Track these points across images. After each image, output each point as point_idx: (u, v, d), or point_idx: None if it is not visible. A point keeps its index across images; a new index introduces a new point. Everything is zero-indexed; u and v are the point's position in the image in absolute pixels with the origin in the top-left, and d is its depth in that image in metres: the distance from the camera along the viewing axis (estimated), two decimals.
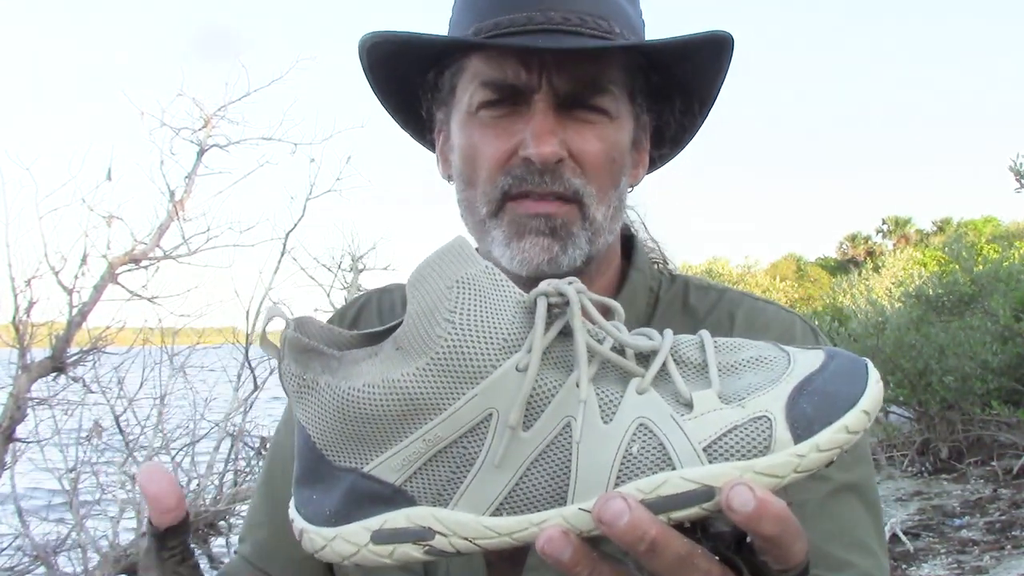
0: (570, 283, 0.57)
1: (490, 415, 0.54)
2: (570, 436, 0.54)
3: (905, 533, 5.30)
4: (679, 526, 0.52)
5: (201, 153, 4.21)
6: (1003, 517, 5.61)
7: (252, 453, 4.40)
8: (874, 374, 0.55)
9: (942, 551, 5.09)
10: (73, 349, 3.88)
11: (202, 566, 0.94)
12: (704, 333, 0.58)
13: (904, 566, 4.88)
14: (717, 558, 0.53)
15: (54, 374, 3.82)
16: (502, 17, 0.88)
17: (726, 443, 0.52)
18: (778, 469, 0.52)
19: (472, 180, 0.91)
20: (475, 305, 0.55)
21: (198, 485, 4.03)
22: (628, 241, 1.03)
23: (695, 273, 1.14)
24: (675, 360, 0.57)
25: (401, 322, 0.57)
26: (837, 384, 0.54)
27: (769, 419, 0.53)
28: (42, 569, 3.81)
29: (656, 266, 1.04)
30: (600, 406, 0.55)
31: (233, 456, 4.28)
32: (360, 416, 0.55)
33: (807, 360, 0.56)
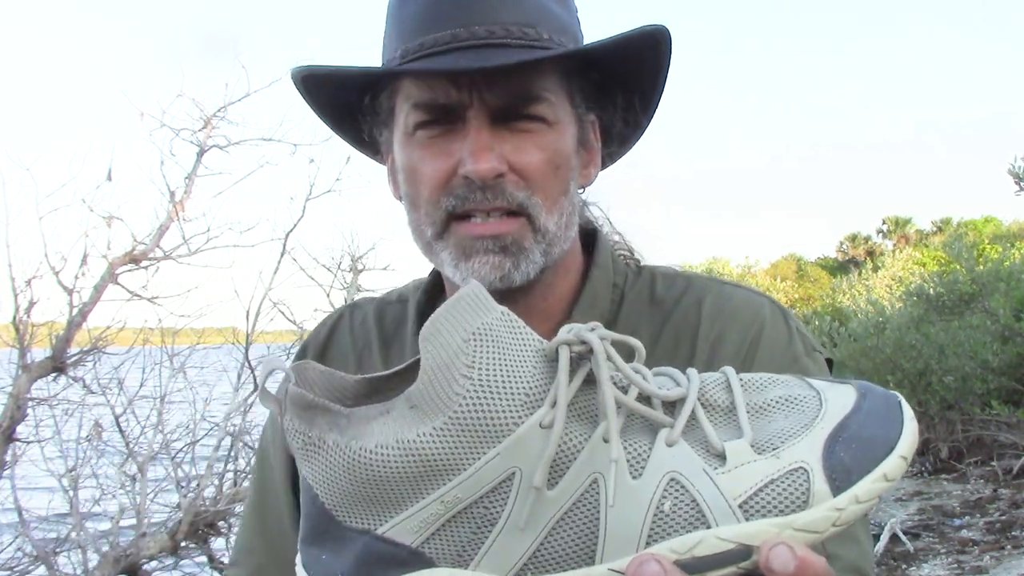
0: (592, 329, 0.54)
1: (513, 474, 0.52)
2: (597, 493, 0.52)
3: (905, 533, 5.30)
4: None
5: (201, 154, 4.20)
6: (1003, 517, 5.61)
7: (252, 453, 4.40)
8: (908, 412, 0.54)
9: (942, 551, 5.08)
10: (73, 349, 3.88)
11: (202, 566, 0.94)
12: (729, 371, 0.56)
13: (904, 566, 4.88)
14: None
15: (54, 374, 3.81)
16: (426, 37, 0.87)
17: (763, 498, 0.51)
18: (817, 525, 0.50)
19: (416, 202, 0.90)
20: (494, 358, 0.52)
21: (198, 485, 4.03)
22: (591, 237, 1.02)
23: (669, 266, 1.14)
24: (703, 405, 0.54)
25: (406, 368, 0.55)
26: (873, 428, 0.52)
27: (806, 471, 0.51)
28: (42, 569, 3.81)
29: (623, 258, 1.02)
30: (628, 460, 0.52)
31: (233, 456, 4.28)
32: (373, 478, 0.53)
33: (839, 400, 0.54)
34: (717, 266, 20.02)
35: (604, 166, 1.03)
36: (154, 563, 3.80)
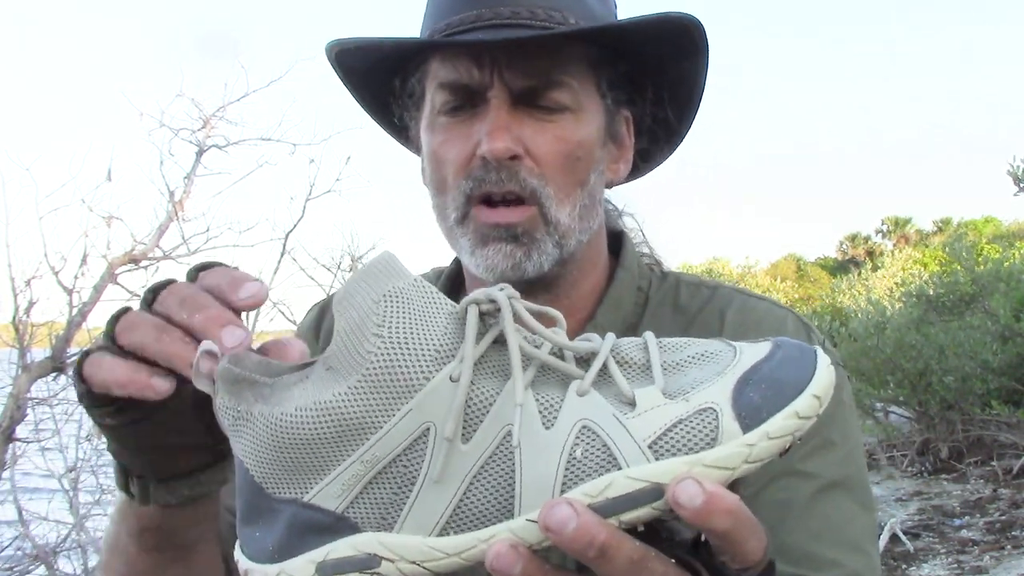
0: (501, 289, 0.56)
1: (428, 429, 0.53)
2: (511, 446, 0.52)
3: (905, 533, 5.30)
4: (633, 531, 0.51)
5: (200, 154, 4.21)
6: (1003, 517, 5.61)
7: None
8: (824, 359, 0.54)
9: (942, 551, 5.09)
10: (73, 349, 3.88)
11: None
12: (648, 334, 0.57)
13: (904, 566, 4.88)
14: (673, 560, 0.51)
15: (54, 374, 3.81)
16: (453, 17, 0.88)
17: (672, 438, 0.51)
18: (728, 461, 0.50)
19: (441, 186, 0.90)
20: (404, 318, 0.53)
21: None
22: (617, 238, 1.01)
23: (695, 274, 1.13)
24: (617, 361, 0.55)
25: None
26: (785, 371, 0.52)
27: (715, 411, 0.51)
28: (42, 569, 3.81)
29: (648, 264, 1.02)
30: (540, 411, 0.53)
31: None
32: (295, 442, 0.54)
33: (754, 351, 0.54)
34: (717, 266, 20.03)
35: (640, 172, 1.02)
36: None
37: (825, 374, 0.53)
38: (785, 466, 0.83)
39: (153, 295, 0.61)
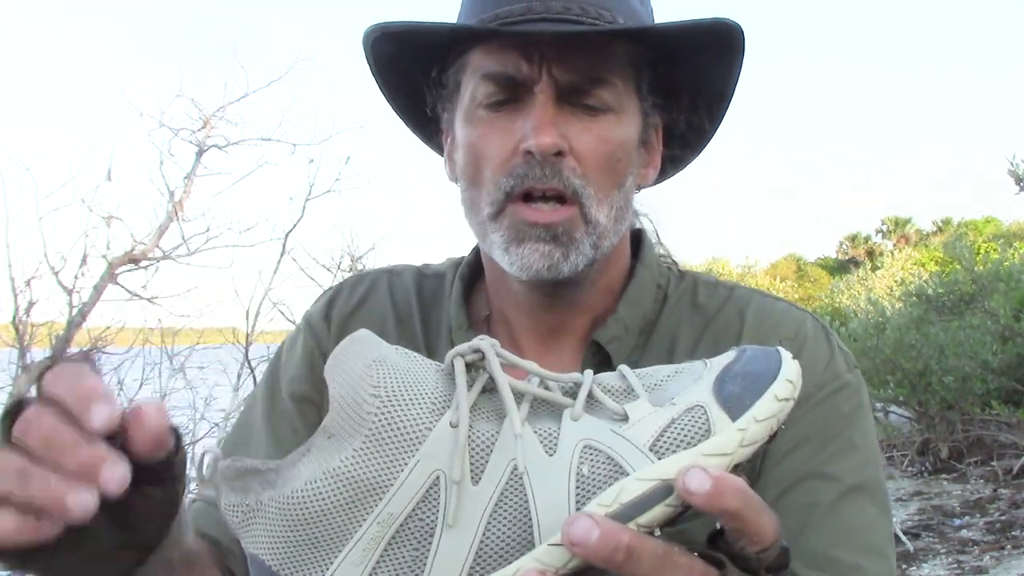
0: (481, 339, 0.58)
1: (438, 477, 0.53)
2: (520, 479, 0.53)
3: (905, 533, 5.30)
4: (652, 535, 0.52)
5: (200, 154, 4.21)
6: (1003, 517, 5.61)
7: None
8: (787, 354, 0.58)
9: (942, 551, 5.09)
10: (73, 349, 3.88)
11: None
12: (623, 367, 0.60)
13: (904, 566, 4.88)
14: (696, 555, 0.53)
15: None
16: (501, 9, 0.88)
17: (668, 437, 0.54)
18: (724, 447, 0.53)
19: (476, 180, 0.89)
20: (396, 378, 0.55)
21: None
22: (636, 236, 1.01)
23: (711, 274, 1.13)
24: (600, 389, 0.58)
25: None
26: (754, 365, 0.56)
27: (702, 407, 0.54)
28: None
29: (666, 264, 1.02)
30: (541, 442, 0.55)
31: None
32: (309, 517, 0.54)
33: (721, 358, 0.58)
34: (717, 266, 20.01)
35: (664, 176, 1.03)
36: None
37: (792, 364, 0.57)
38: (810, 469, 0.84)
39: (9, 422, 0.53)
